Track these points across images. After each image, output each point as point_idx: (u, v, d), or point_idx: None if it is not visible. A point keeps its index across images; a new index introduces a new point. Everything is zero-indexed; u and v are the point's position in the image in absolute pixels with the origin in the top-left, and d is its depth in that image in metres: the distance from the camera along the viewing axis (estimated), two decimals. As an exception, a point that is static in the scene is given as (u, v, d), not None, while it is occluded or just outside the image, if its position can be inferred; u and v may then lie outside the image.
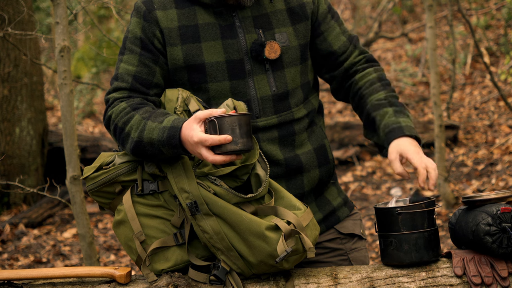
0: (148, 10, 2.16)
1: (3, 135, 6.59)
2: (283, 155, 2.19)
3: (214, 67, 2.14)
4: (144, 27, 2.15)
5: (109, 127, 2.14)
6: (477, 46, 6.50)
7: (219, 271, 2.03)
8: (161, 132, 1.99)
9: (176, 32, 2.14)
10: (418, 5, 11.61)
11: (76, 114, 9.82)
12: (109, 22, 11.89)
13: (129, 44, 2.17)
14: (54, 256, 5.55)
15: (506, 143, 6.66)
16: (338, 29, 2.29)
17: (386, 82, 2.30)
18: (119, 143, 2.12)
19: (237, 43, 2.15)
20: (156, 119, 2.03)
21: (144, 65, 2.15)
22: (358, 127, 7.52)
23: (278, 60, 2.18)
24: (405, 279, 2.04)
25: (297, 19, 2.23)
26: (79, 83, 8.89)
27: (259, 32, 2.17)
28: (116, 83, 2.16)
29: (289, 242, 1.98)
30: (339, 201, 2.33)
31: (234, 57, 2.15)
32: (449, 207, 5.68)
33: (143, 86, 2.14)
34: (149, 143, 2.01)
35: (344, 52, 2.29)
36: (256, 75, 2.16)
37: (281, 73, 2.19)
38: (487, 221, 2.00)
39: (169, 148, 1.99)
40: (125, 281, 2.10)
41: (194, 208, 2.00)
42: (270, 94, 2.17)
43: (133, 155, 2.08)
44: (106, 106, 2.16)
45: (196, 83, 2.15)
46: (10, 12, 6.03)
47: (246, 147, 1.92)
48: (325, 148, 2.29)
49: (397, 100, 2.24)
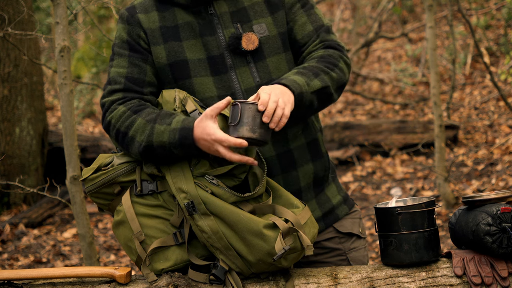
0: (131, 14, 2.21)
1: (3, 135, 6.59)
2: (275, 151, 2.20)
3: (196, 63, 2.17)
4: (129, 30, 2.20)
5: (109, 132, 2.15)
6: (477, 46, 6.50)
7: (218, 270, 2.03)
8: (172, 135, 2.02)
9: (158, 32, 2.19)
10: (418, 5, 11.61)
11: (76, 114, 9.82)
12: (109, 22, 11.88)
13: (117, 49, 2.21)
14: (54, 256, 5.55)
15: (506, 143, 6.66)
16: (305, 19, 2.26)
17: (325, 59, 2.21)
18: (122, 148, 2.14)
19: (216, 39, 2.18)
20: (163, 122, 2.05)
21: (134, 65, 2.18)
22: (358, 127, 7.52)
23: (258, 51, 2.19)
24: (405, 279, 2.04)
25: (275, 8, 2.24)
26: (79, 83, 8.89)
27: (237, 26, 2.20)
28: (109, 87, 2.18)
29: (287, 240, 1.99)
30: (339, 199, 2.33)
31: (215, 53, 2.18)
32: (449, 207, 5.68)
33: (136, 85, 2.16)
34: (160, 146, 2.04)
35: (306, 42, 2.26)
36: (238, 68, 2.18)
37: (263, 63, 2.20)
38: (487, 221, 2.00)
39: (182, 149, 2.01)
40: (125, 281, 2.10)
41: (191, 208, 2.00)
42: (254, 85, 2.18)
43: (142, 158, 2.10)
44: (103, 111, 2.18)
45: (180, 79, 2.18)
46: (10, 12, 6.03)
47: (262, 137, 1.96)
48: (317, 142, 2.29)
49: (318, 67, 2.16)
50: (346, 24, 12.11)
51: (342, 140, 7.51)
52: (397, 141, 7.32)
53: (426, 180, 6.50)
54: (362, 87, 9.93)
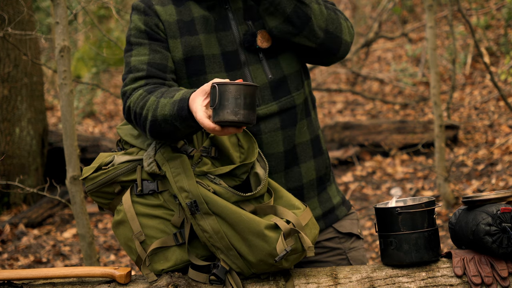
0: (148, 5, 2.18)
1: (3, 135, 6.59)
2: (284, 147, 2.20)
3: (211, 59, 2.16)
4: (146, 21, 2.16)
5: (130, 118, 2.10)
6: (477, 46, 6.50)
7: (218, 270, 2.03)
8: (172, 106, 1.97)
9: (175, 26, 2.17)
10: (418, 5, 11.61)
11: (76, 114, 9.82)
12: (109, 22, 11.88)
13: (134, 39, 2.17)
14: (54, 256, 5.55)
15: (506, 143, 6.66)
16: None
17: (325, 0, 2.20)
18: (141, 131, 2.09)
19: (231, 35, 2.18)
20: (168, 95, 2.01)
21: (156, 51, 2.14)
22: (358, 127, 7.52)
23: (271, 49, 2.19)
24: (405, 279, 2.04)
25: None
26: (79, 83, 8.89)
27: (249, 24, 2.19)
28: (131, 75, 2.13)
29: (289, 241, 1.98)
30: (338, 200, 2.34)
31: (229, 49, 2.17)
32: (449, 207, 5.68)
33: (159, 70, 2.13)
34: (163, 120, 1.99)
35: None
36: (251, 65, 2.18)
37: (275, 60, 2.20)
38: (487, 221, 2.00)
39: (181, 121, 1.96)
40: (125, 281, 2.10)
41: (194, 207, 2.00)
42: (267, 82, 2.18)
43: (152, 137, 2.05)
44: (124, 99, 2.13)
45: (194, 75, 2.16)
46: (10, 12, 6.03)
47: (246, 119, 1.84)
48: (319, 139, 2.30)
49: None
50: (346, 24, 12.09)
51: (342, 140, 7.51)
52: (397, 141, 7.32)
53: (426, 180, 6.50)
54: (362, 87, 9.93)
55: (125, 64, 2.18)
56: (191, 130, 2.01)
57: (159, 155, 2.08)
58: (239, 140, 2.09)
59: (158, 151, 2.08)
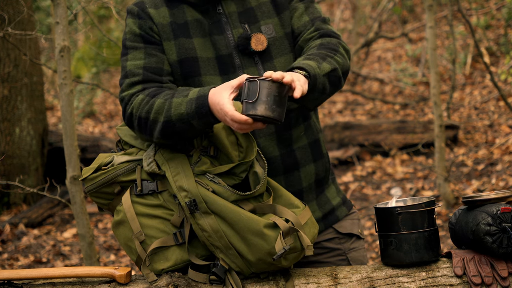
0: (141, 9, 2.19)
1: (3, 135, 6.59)
2: (279, 151, 2.20)
3: (205, 62, 2.17)
4: (141, 24, 2.17)
5: (132, 124, 2.11)
6: (477, 46, 6.50)
7: (217, 268, 2.03)
8: (189, 105, 1.99)
9: (168, 28, 2.17)
10: (418, 5, 11.61)
11: (76, 114, 9.82)
12: (109, 22, 11.89)
13: (130, 43, 2.18)
14: (54, 256, 5.55)
15: (506, 143, 6.66)
16: (302, 10, 2.26)
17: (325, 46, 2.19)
18: (146, 136, 2.09)
19: (225, 38, 2.18)
20: (180, 95, 2.03)
21: (151, 55, 2.15)
22: (358, 127, 7.52)
23: (266, 52, 2.19)
24: (405, 279, 2.04)
25: (281, 8, 2.24)
26: (79, 83, 8.89)
27: (245, 27, 2.19)
28: (127, 80, 2.14)
29: (287, 240, 1.99)
30: (338, 201, 2.34)
31: (223, 53, 2.17)
32: (449, 207, 5.68)
33: (155, 74, 2.14)
34: (178, 119, 2.00)
35: (302, 31, 2.25)
36: (246, 69, 2.18)
37: (270, 64, 2.20)
38: (487, 221, 2.00)
39: (199, 118, 1.98)
40: (125, 281, 2.10)
41: (193, 207, 2.00)
42: None
43: (163, 138, 2.06)
44: (122, 105, 2.14)
45: (189, 77, 2.17)
46: (10, 12, 6.03)
47: (279, 117, 1.90)
48: (319, 142, 2.29)
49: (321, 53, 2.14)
50: (346, 24, 12.11)
51: (342, 140, 7.51)
52: (397, 141, 7.32)
53: (426, 180, 6.50)
54: (362, 87, 9.93)
55: (121, 68, 2.19)
56: (205, 128, 2.02)
57: (158, 155, 2.08)
58: (238, 139, 2.09)
59: (157, 151, 2.09)
